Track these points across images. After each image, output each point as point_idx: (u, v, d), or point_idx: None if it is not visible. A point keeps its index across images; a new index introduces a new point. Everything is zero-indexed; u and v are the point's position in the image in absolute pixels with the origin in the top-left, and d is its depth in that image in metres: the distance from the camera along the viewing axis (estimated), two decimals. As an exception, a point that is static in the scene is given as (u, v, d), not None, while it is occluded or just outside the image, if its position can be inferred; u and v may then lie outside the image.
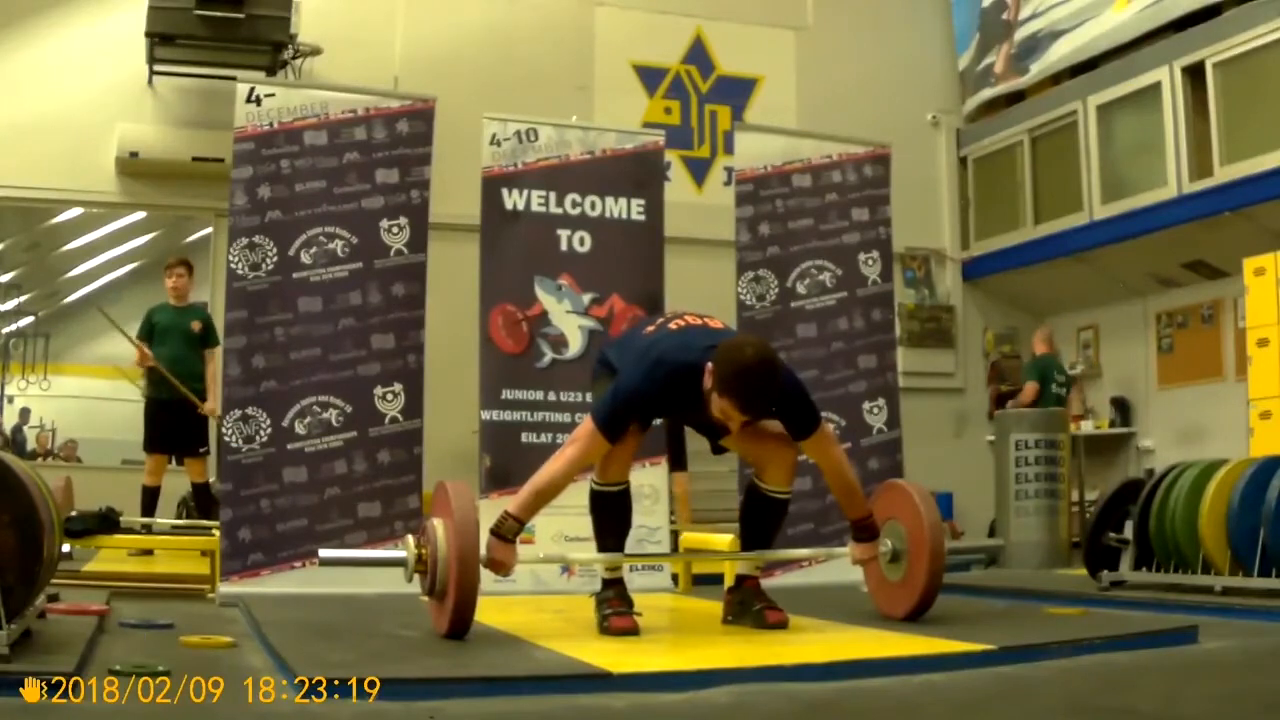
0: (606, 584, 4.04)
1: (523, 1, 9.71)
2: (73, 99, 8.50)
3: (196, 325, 7.22)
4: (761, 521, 4.13)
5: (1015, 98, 10.38)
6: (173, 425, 7.05)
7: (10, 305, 8.89)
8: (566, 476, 3.78)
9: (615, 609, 3.89)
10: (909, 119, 10.36)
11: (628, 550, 4.11)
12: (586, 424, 3.81)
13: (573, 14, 9.83)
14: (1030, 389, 9.13)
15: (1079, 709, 2.77)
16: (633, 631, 3.79)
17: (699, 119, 10.08)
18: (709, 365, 3.64)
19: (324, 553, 4.06)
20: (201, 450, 7.07)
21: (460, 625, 3.57)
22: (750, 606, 4.09)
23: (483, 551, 3.67)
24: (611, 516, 4.01)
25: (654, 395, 3.79)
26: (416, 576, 3.75)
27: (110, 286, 9.22)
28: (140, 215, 9.09)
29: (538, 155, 5.94)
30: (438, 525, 3.66)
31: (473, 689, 2.82)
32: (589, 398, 5.48)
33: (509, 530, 3.74)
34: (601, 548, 4.06)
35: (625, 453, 3.88)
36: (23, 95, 8.45)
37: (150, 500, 6.99)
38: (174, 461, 7.27)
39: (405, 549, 3.74)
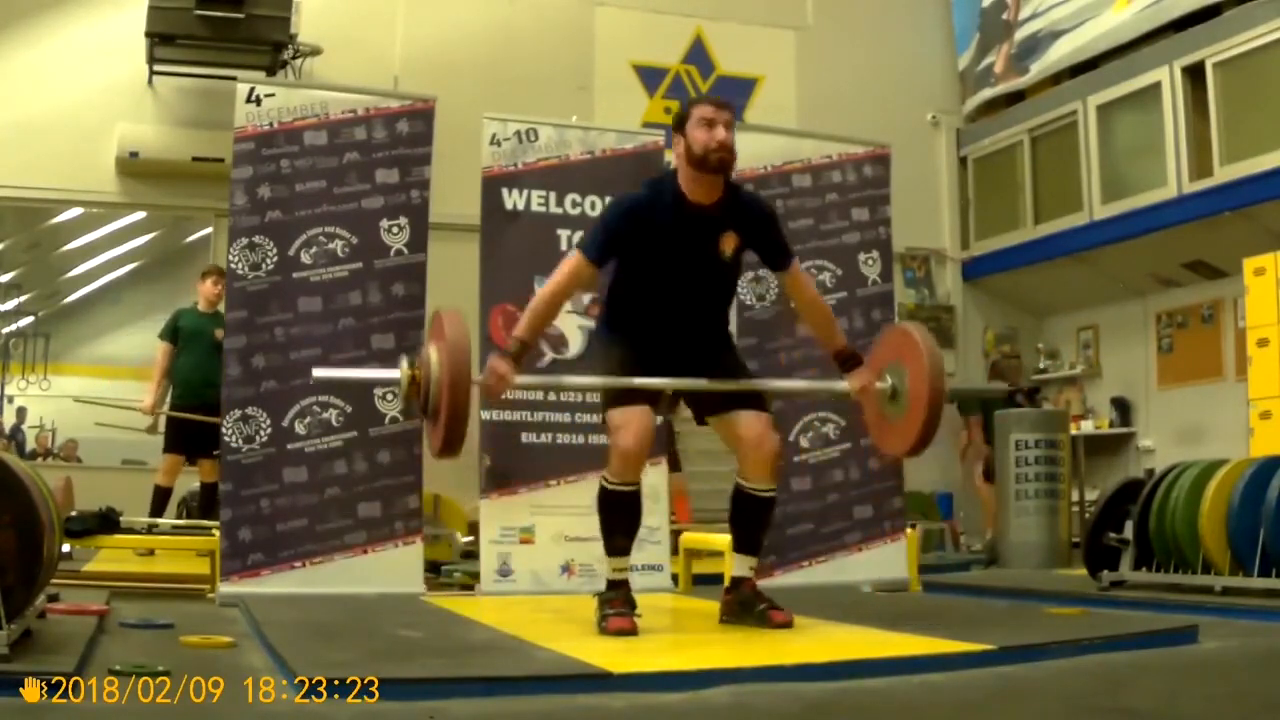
0: (611, 585, 4.00)
1: (523, 1, 9.71)
2: (73, 99, 8.50)
3: (221, 333, 7.19)
4: (749, 521, 4.10)
5: (1015, 98, 10.38)
6: (193, 427, 7.06)
7: (10, 305, 8.90)
8: (559, 293, 3.91)
9: (616, 609, 3.87)
10: (909, 119, 10.36)
11: (631, 552, 4.08)
12: (572, 253, 3.99)
13: (573, 14, 9.83)
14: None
15: (1079, 709, 2.77)
16: (630, 632, 3.77)
17: (699, 119, 10.07)
18: (674, 138, 4.05)
19: (318, 371, 4.16)
20: (216, 452, 7.08)
21: (452, 441, 3.62)
22: (753, 607, 4.04)
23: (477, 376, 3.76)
24: (623, 516, 3.96)
25: (635, 202, 4.01)
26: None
27: (110, 286, 9.23)
28: (140, 215, 9.09)
29: (538, 155, 5.94)
30: (431, 348, 3.72)
31: (473, 689, 2.82)
32: (589, 397, 5.50)
33: (512, 345, 3.85)
34: (610, 547, 4.02)
35: (640, 443, 3.82)
36: (23, 95, 8.45)
37: (161, 501, 7.00)
38: (186, 462, 7.28)
39: (400, 369, 3.80)
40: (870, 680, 3.06)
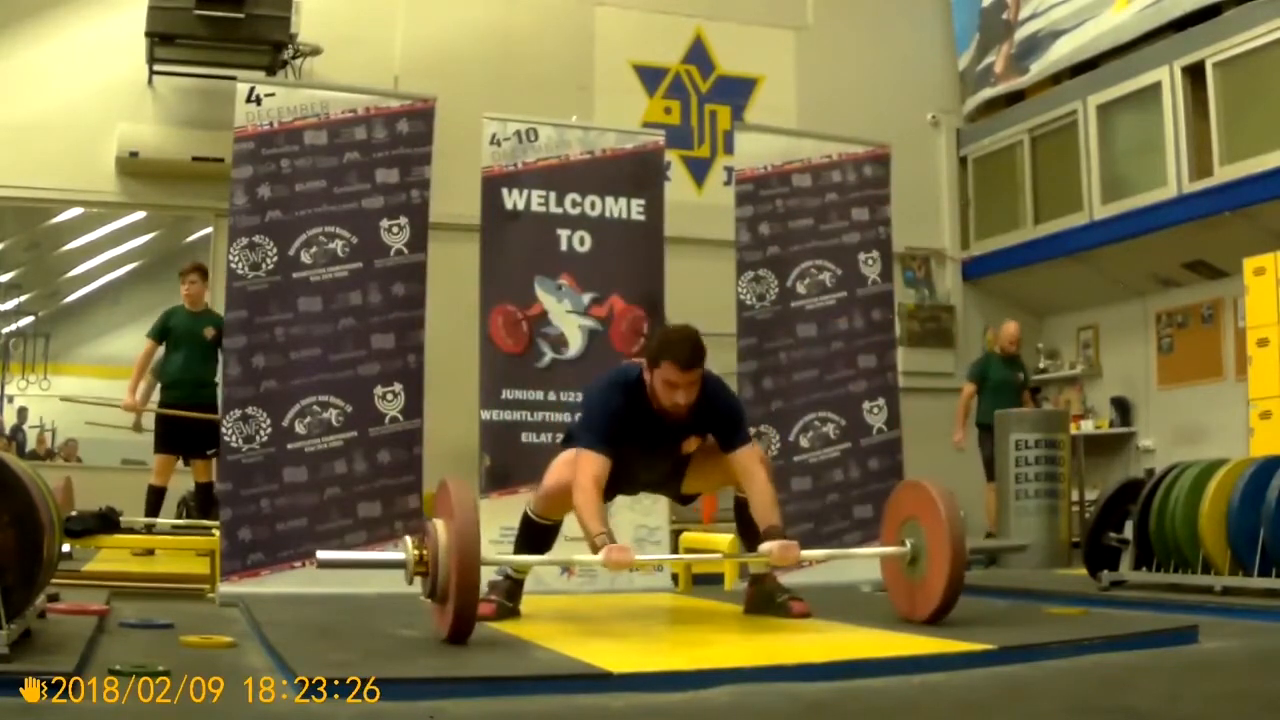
0: (508, 578, 4.31)
1: (523, 1, 9.71)
2: (73, 99, 8.50)
3: (210, 332, 7.10)
4: (753, 525, 4.20)
5: (1015, 98, 10.38)
6: (184, 427, 7.02)
7: (10, 305, 8.90)
8: (595, 485, 3.89)
9: (486, 596, 4.11)
10: (909, 119, 10.36)
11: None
12: (581, 456, 3.95)
13: (573, 14, 9.83)
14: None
15: (1079, 709, 2.77)
16: (488, 618, 3.99)
17: (699, 119, 10.08)
18: (644, 364, 4.05)
19: (322, 554, 3.99)
20: (209, 452, 7.05)
21: (462, 629, 3.50)
22: (775, 597, 4.28)
23: (488, 554, 3.82)
24: (538, 542, 4.29)
25: (616, 405, 4.03)
26: (419, 579, 3.71)
27: (110, 286, 9.22)
28: (140, 215, 9.09)
29: (538, 155, 5.94)
30: (439, 526, 3.62)
31: (473, 689, 2.82)
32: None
33: (602, 540, 3.77)
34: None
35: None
36: (23, 95, 8.45)
37: (156, 500, 6.97)
38: (180, 462, 7.26)
39: (404, 550, 3.69)
40: (870, 680, 3.06)
